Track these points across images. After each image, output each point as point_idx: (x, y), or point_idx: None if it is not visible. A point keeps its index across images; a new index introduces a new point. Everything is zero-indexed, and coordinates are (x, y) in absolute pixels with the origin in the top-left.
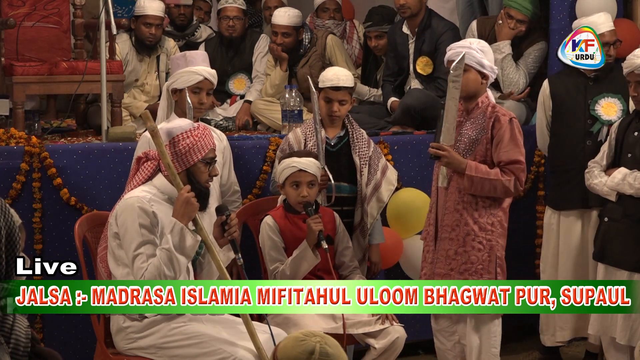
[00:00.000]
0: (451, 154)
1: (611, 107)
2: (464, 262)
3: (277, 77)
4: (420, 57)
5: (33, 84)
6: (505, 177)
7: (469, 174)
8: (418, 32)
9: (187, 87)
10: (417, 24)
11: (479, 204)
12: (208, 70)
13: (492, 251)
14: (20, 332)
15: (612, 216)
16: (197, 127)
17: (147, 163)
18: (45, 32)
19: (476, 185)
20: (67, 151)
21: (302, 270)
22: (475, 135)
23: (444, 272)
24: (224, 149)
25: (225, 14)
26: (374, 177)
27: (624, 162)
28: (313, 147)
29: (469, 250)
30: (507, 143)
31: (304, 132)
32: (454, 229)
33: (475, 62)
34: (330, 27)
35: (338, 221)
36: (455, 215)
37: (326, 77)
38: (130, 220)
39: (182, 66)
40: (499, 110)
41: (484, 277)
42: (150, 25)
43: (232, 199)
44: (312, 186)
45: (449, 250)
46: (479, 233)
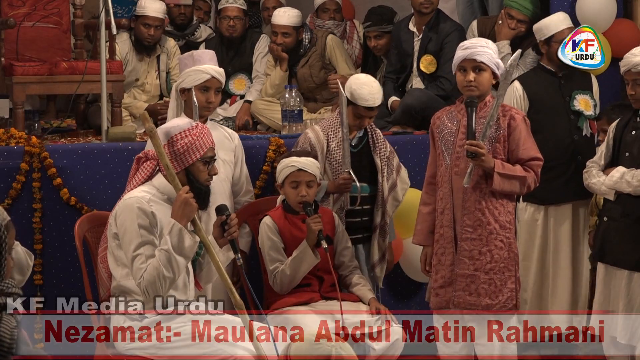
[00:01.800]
0: (487, 153)
1: (587, 103)
2: (488, 261)
3: (277, 77)
4: (424, 55)
5: (33, 84)
6: (528, 174)
7: (498, 172)
8: (425, 30)
9: (195, 86)
10: (425, 21)
11: (497, 202)
12: (215, 68)
13: (510, 248)
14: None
15: (611, 215)
16: (195, 126)
17: (146, 163)
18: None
19: (504, 183)
20: (67, 151)
21: (302, 270)
22: (493, 133)
23: (469, 273)
24: (235, 148)
25: (225, 14)
26: (390, 176)
27: (622, 161)
28: (336, 148)
29: (493, 249)
30: (525, 140)
31: (325, 131)
32: (475, 229)
33: (494, 63)
34: (330, 28)
35: (337, 221)
36: (476, 214)
37: (361, 95)
38: (129, 220)
39: (190, 65)
40: (510, 108)
41: (505, 274)
42: (150, 26)
43: (245, 198)
44: (311, 186)
45: (472, 250)
46: (500, 231)
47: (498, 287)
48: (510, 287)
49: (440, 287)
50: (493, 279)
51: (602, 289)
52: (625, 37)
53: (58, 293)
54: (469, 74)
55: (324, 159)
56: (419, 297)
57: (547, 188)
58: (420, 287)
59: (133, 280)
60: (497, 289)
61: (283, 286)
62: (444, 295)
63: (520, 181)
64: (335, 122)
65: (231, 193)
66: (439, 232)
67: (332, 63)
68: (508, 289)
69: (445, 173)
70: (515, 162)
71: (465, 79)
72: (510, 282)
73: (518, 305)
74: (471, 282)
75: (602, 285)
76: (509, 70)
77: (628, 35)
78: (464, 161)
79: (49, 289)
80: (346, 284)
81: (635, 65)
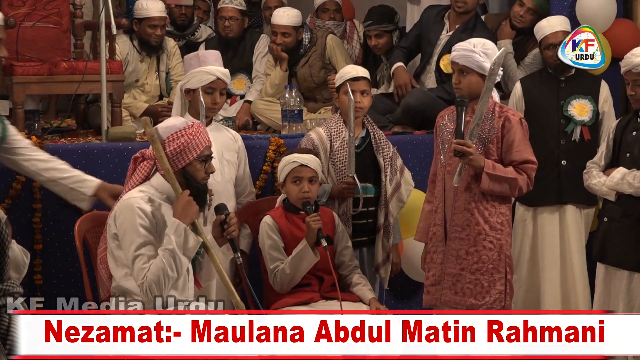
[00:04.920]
0: (476, 152)
1: (583, 108)
2: (475, 262)
3: (277, 77)
4: (447, 54)
5: (33, 84)
6: (519, 176)
7: (487, 172)
8: (459, 29)
9: (201, 87)
10: (462, 20)
11: (489, 204)
12: (221, 69)
13: (501, 250)
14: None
15: (611, 216)
16: (190, 126)
17: (143, 163)
18: (45, 32)
19: (493, 184)
20: (67, 151)
21: (302, 268)
22: (485, 134)
23: (455, 272)
24: (238, 149)
25: (222, 14)
26: (394, 177)
27: (623, 162)
28: (340, 149)
29: (480, 250)
30: (519, 143)
31: (328, 132)
32: (464, 229)
33: (476, 65)
34: (330, 28)
35: (337, 221)
36: (465, 214)
37: (344, 71)
38: (129, 221)
39: (195, 66)
40: (507, 110)
41: (494, 275)
42: (156, 27)
43: (248, 199)
44: (313, 182)
45: (460, 250)
46: (489, 232)
47: (485, 288)
48: (499, 289)
49: (432, 285)
50: (479, 280)
51: (602, 290)
52: (625, 37)
53: (58, 293)
54: (455, 76)
55: (328, 160)
56: (419, 297)
57: (534, 190)
58: (420, 287)
59: (133, 281)
60: (484, 290)
61: (283, 285)
62: (434, 294)
63: (510, 183)
64: (338, 123)
65: (235, 194)
66: (432, 230)
67: (332, 63)
68: (497, 290)
69: (440, 172)
70: (508, 163)
71: (453, 80)
72: (500, 284)
73: (508, 308)
74: (457, 281)
75: (602, 286)
76: (494, 69)
77: (628, 36)
78: (456, 160)
79: (49, 289)
80: (346, 283)
81: (635, 66)
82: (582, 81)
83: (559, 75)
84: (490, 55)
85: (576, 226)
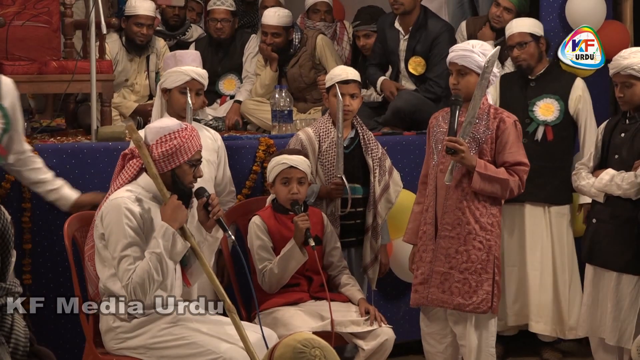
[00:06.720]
0: (467, 150)
1: (548, 108)
2: (464, 261)
3: (267, 77)
4: (413, 57)
5: (22, 83)
6: (511, 178)
7: (479, 171)
8: (412, 31)
9: (175, 87)
10: (411, 22)
11: (480, 204)
12: (196, 70)
13: (490, 251)
14: (19, 331)
15: (600, 217)
16: (184, 128)
17: (132, 161)
18: (35, 31)
19: (484, 183)
20: (57, 150)
21: (290, 268)
22: (479, 134)
23: (443, 270)
24: (218, 149)
25: (213, 16)
26: (383, 178)
27: (611, 164)
28: (328, 149)
29: (470, 249)
30: (512, 144)
31: (317, 132)
32: (454, 227)
33: (476, 65)
34: (321, 29)
35: (326, 222)
36: (456, 213)
37: (334, 73)
38: (116, 221)
39: (172, 65)
40: (502, 112)
41: (482, 276)
42: (142, 25)
43: (227, 199)
44: (302, 183)
45: (449, 248)
46: (479, 232)
47: (473, 288)
48: (487, 290)
49: (420, 283)
50: (468, 279)
51: (591, 291)
52: (614, 38)
53: (47, 292)
54: (453, 76)
55: (316, 161)
56: (409, 298)
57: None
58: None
59: (118, 283)
60: (472, 290)
61: (272, 285)
62: (422, 292)
63: (501, 184)
64: (327, 124)
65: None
66: (422, 229)
67: (322, 63)
68: (484, 291)
69: (432, 171)
70: (500, 164)
71: (450, 81)
72: (487, 284)
73: (494, 309)
74: (445, 280)
75: (590, 287)
76: (486, 68)
77: (617, 37)
78: (448, 159)
79: (38, 288)
80: (335, 284)
81: (624, 68)
82: (552, 81)
83: (529, 75)
84: (484, 55)
85: (534, 225)
